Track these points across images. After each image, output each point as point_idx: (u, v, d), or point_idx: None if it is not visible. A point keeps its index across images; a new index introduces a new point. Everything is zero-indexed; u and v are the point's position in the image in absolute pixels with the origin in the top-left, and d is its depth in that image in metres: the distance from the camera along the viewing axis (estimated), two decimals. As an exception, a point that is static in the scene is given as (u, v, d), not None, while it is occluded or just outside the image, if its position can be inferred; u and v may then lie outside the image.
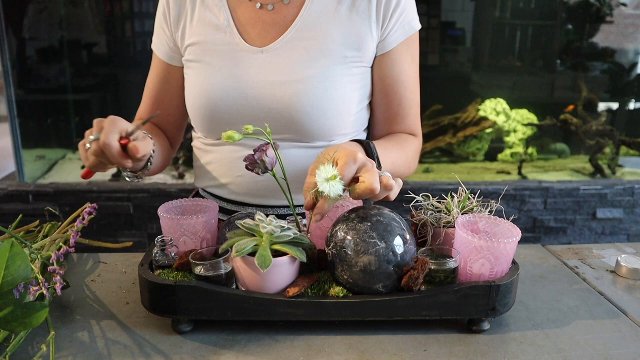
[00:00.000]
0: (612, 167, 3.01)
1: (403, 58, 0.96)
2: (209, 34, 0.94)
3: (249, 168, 0.72)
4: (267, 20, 0.93)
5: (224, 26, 0.94)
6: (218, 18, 0.94)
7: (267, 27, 0.93)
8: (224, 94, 0.92)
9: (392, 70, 0.96)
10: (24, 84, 2.88)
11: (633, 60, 3.43)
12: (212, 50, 0.93)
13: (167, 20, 0.98)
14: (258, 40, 0.93)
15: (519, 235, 0.71)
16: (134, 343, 0.68)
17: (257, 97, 0.91)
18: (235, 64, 0.92)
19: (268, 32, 0.93)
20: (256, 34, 0.93)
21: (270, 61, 0.91)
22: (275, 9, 0.93)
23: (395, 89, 0.97)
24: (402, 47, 0.95)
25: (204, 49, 0.94)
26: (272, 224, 0.68)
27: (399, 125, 1.00)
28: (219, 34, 0.94)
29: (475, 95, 3.29)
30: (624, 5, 3.26)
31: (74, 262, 0.92)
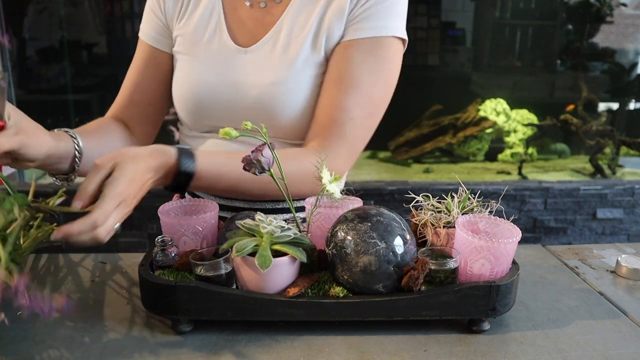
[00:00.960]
0: (612, 167, 3.01)
1: (355, 57, 0.87)
2: (199, 29, 0.95)
3: (245, 168, 0.72)
4: (258, 18, 0.94)
5: (214, 21, 0.94)
6: (211, 14, 0.94)
7: (257, 25, 0.93)
8: (207, 89, 0.93)
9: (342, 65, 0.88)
10: (24, 84, 2.88)
11: (633, 60, 3.43)
12: (201, 45, 0.94)
13: (161, 5, 0.97)
14: (245, 40, 0.93)
15: (519, 235, 0.71)
16: (134, 343, 0.68)
17: (238, 96, 0.91)
18: (220, 62, 0.93)
19: (256, 32, 0.93)
20: (244, 33, 0.94)
21: (252, 62, 0.92)
22: (267, 7, 0.93)
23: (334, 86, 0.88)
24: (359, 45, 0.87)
25: (193, 43, 0.95)
26: (272, 224, 0.68)
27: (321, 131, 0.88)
28: (209, 30, 0.94)
29: (475, 95, 3.29)
30: (624, 5, 3.26)
31: (74, 262, 0.92)
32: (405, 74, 0.94)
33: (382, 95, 0.91)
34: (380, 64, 0.89)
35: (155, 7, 0.98)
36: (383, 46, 0.88)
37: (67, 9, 2.89)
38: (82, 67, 3.03)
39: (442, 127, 3.17)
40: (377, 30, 0.87)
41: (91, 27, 2.94)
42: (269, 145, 0.71)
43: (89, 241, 0.65)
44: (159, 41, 0.98)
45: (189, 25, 0.95)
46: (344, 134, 0.88)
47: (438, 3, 3.25)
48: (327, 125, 0.88)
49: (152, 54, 0.99)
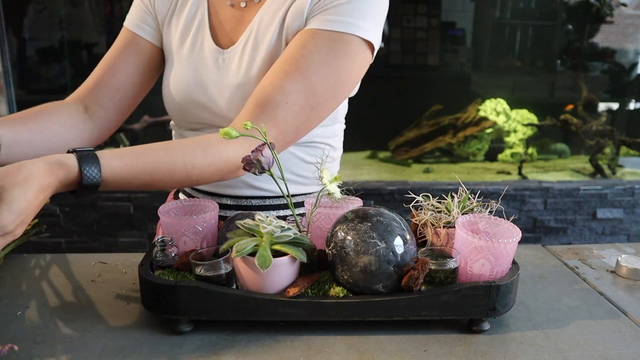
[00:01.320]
0: (612, 167, 3.01)
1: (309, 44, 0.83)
2: (186, 29, 0.95)
3: (245, 168, 0.72)
4: (238, 18, 0.93)
5: (198, 24, 0.95)
6: (195, 15, 0.95)
7: (236, 26, 0.93)
8: (187, 90, 0.93)
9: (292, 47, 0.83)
10: (24, 84, 2.88)
11: (633, 60, 3.43)
12: (186, 45, 0.95)
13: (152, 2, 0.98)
14: (225, 41, 0.93)
15: (519, 235, 0.71)
16: (134, 343, 0.68)
17: (213, 98, 0.92)
18: (200, 63, 0.93)
19: (234, 32, 0.93)
20: (225, 33, 0.94)
21: (228, 63, 0.92)
22: (247, 7, 0.93)
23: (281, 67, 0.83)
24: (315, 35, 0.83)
25: (180, 43, 0.95)
26: (272, 224, 0.68)
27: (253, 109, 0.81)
28: (193, 31, 0.95)
29: (475, 95, 3.29)
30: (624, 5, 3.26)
31: (73, 262, 0.92)
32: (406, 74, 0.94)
33: (329, 91, 0.84)
34: (334, 59, 0.83)
35: (145, 1, 0.99)
36: (342, 42, 0.83)
37: (67, 9, 2.89)
38: (82, 67, 3.03)
39: (442, 127, 3.17)
40: (338, 24, 0.83)
41: (91, 27, 2.94)
42: (269, 145, 0.71)
43: None
44: (142, 29, 0.98)
45: (177, 25, 0.96)
46: (275, 117, 0.81)
47: (438, 3, 3.25)
48: (260, 103, 0.81)
49: (134, 40, 0.98)
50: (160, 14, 0.98)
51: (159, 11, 0.98)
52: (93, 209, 2.52)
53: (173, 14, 0.97)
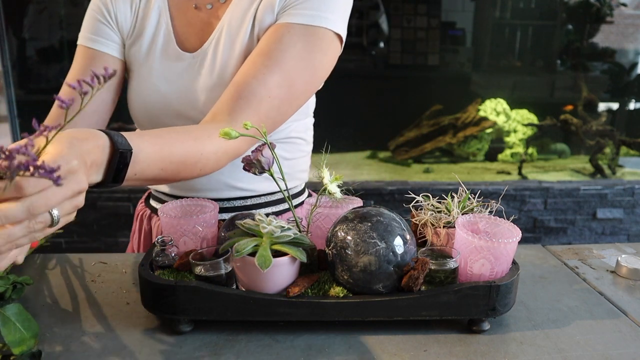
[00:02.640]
0: (612, 167, 3.01)
1: (284, 38, 0.83)
2: (150, 37, 0.93)
3: (245, 168, 0.72)
4: (204, 20, 0.92)
5: (162, 28, 0.93)
6: (159, 21, 0.93)
7: (203, 28, 0.92)
8: (161, 99, 0.91)
9: (271, 44, 0.84)
10: (24, 84, 2.88)
11: (633, 60, 3.43)
12: (152, 53, 0.93)
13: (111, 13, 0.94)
14: (193, 44, 0.92)
15: (519, 235, 0.71)
16: (134, 343, 0.68)
17: (189, 103, 0.90)
18: (170, 70, 0.92)
19: (202, 35, 0.92)
20: (192, 37, 0.93)
21: (199, 66, 0.91)
22: (214, 8, 0.92)
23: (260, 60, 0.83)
24: (289, 28, 0.84)
25: (145, 52, 0.94)
26: (272, 224, 0.68)
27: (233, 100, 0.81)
28: (157, 36, 0.93)
29: (475, 95, 3.29)
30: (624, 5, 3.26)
31: (73, 262, 0.92)
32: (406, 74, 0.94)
33: (306, 85, 0.86)
34: (310, 53, 0.84)
35: (100, 14, 0.95)
36: (316, 35, 0.84)
37: (67, 9, 2.90)
38: (82, 67, 3.02)
39: (442, 127, 3.17)
40: (310, 18, 0.84)
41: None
42: (269, 145, 0.71)
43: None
44: (107, 45, 0.95)
45: (143, 37, 0.94)
46: (259, 110, 0.81)
47: (438, 3, 3.25)
48: (243, 95, 0.81)
49: (101, 58, 0.94)
50: (123, 30, 0.95)
51: (122, 27, 0.95)
52: (93, 209, 2.52)
53: (136, 28, 0.95)
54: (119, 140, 0.61)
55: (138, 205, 1.13)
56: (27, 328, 0.64)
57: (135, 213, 1.12)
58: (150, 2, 0.95)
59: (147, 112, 0.94)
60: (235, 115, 0.79)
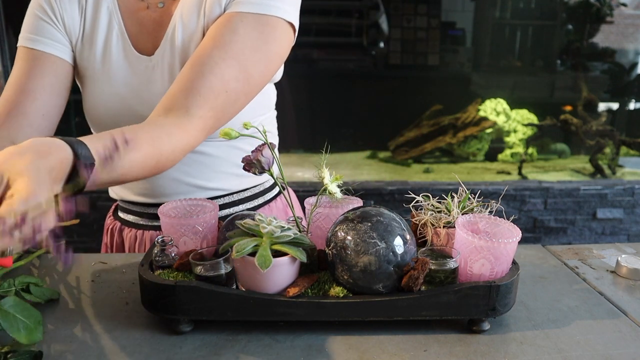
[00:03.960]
0: (612, 167, 3.01)
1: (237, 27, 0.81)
2: (99, 39, 0.89)
3: (245, 168, 0.72)
4: (156, 20, 0.89)
5: (114, 30, 0.89)
6: (110, 23, 0.89)
7: (156, 28, 0.89)
8: (120, 104, 0.88)
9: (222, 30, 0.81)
10: (24, 84, 2.88)
11: (633, 60, 3.43)
12: (106, 58, 0.89)
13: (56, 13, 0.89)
14: (148, 46, 0.89)
15: (519, 235, 0.71)
16: (134, 343, 0.68)
17: (153, 104, 0.84)
18: (127, 74, 0.88)
19: (156, 35, 0.89)
20: (146, 38, 0.89)
21: (156, 69, 0.88)
22: (166, 7, 0.89)
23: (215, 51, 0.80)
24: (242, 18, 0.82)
25: (98, 57, 0.89)
26: (272, 224, 0.68)
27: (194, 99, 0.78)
28: (109, 39, 0.89)
29: (475, 95, 3.29)
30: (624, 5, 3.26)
31: (74, 261, 0.92)
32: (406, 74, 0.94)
33: (261, 77, 0.84)
34: (266, 44, 0.82)
35: (44, 13, 0.90)
36: (270, 25, 0.82)
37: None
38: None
39: (442, 127, 3.17)
40: (261, 7, 0.81)
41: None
42: (268, 146, 0.71)
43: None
44: (55, 47, 0.89)
45: (94, 42, 0.90)
46: (215, 105, 0.79)
47: (438, 3, 3.25)
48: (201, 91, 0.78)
49: (47, 60, 0.89)
50: (72, 33, 0.91)
51: (70, 29, 0.90)
52: (93, 209, 2.52)
53: (85, 32, 0.91)
54: (82, 153, 0.60)
55: (107, 219, 1.10)
56: (28, 317, 0.63)
57: (105, 227, 1.09)
58: (99, 2, 0.90)
59: (108, 117, 0.90)
60: (193, 110, 0.76)
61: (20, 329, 0.61)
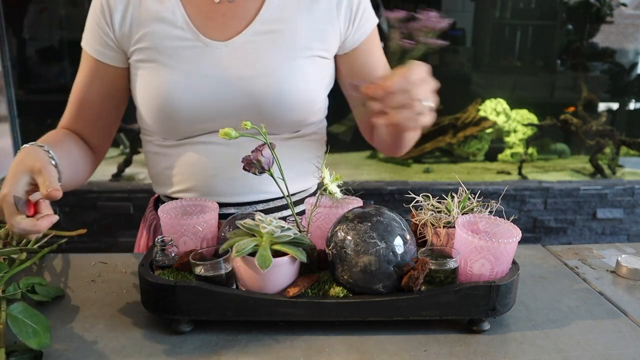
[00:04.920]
0: (612, 167, 3.01)
1: (373, 47, 1.01)
2: (161, 31, 0.89)
3: (245, 168, 0.72)
4: (226, 13, 0.91)
5: (178, 21, 0.89)
6: (171, 13, 0.90)
7: (227, 20, 0.91)
8: (186, 93, 0.88)
9: (367, 60, 0.99)
10: (24, 84, 2.88)
11: (633, 60, 3.43)
12: (168, 48, 0.89)
13: (105, 15, 0.91)
14: (218, 34, 0.90)
15: (519, 235, 0.71)
16: (134, 343, 0.68)
17: (224, 92, 0.88)
18: (196, 61, 0.89)
19: (229, 25, 0.90)
20: (215, 27, 0.90)
21: (235, 55, 0.89)
22: (237, 2, 0.91)
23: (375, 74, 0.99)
24: (370, 39, 1.00)
25: (157, 48, 0.89)
26: (272, 224, 0.68)
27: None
28: (173, 30, 0.89)
29: (475, 95, 3.28)
30: (624, 5, 3.26)
31: (73, 262, 0.92)
32: (405, 74, 0.97)
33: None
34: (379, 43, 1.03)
35: (100, 21, 0.92)
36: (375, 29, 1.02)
37: (67, 9, 2.89)
38: (82, 67, 3.02)
39: (442, 127, 3.16)
40: (372, 21, 1.01)
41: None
42: (268, 146, 0.71)
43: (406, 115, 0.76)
44: (104, 54, 0.93)
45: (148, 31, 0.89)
46: None
47: (438, 3, 3.25)
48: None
49: (96, 67, 0.94)
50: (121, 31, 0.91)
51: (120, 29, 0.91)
52: (93, 209, 2.52)
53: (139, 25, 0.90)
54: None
55: (147, 212, 1.10)
56: (37, 322, 0.64)
57: (145, 220, 1.09)
58: None
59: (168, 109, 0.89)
60: None
61: (30, 334, 0.62)
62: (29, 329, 0.63)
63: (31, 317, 0.65)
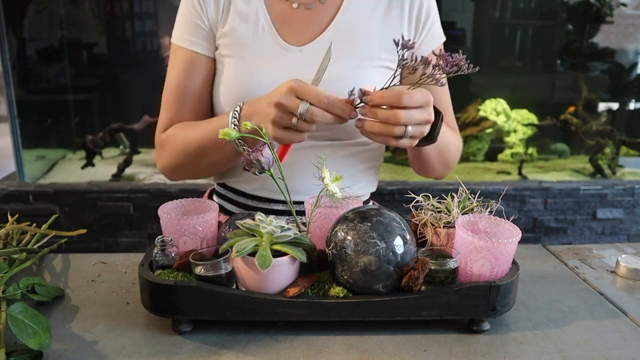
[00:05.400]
0: (612, 167, 3.01)
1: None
2: (245, 30, 0.94)
3: (245, 168, 0.72)
4: (304, 19, 0.94)
5: (260, 22, 0.94)
6: (255, 14, 0.94)
7: (304, 26, 0.94)
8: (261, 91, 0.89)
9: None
10: (24, 84, 2.88)
11: (633, 60, 3.43)
12: (249, 46, 0.94)
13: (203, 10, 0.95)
14: (295, 39, 0.94)
15: (519, 235, 0.71)
16: (134, 343, 0.68)
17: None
18: (273, 62, 0.93)
19: (305, 31, 0.94)
20: (293, 32, 0.94)
21: (308, 60, 0.91)
22: (314, 9, 0.95)
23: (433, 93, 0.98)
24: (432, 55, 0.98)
25: (240, 45, 0.94)
26: (272, 224, 0.68)
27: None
28: (256, 30, 0.94)
29: (475, 95, 3.28)
30: (624, 5, 3.26)
31: (73, 262, 0.92)
32: (405, 74, 0.99)
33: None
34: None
35: (195, 13, 0.96)
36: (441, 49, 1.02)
37: (67, 9, 2.89)
38: (82, 67, 3.02)
39: (442, 127, 3.16)
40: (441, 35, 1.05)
41: (91, 27, 2.93)
42: (269, 146, 0.71)
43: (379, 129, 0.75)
44: (201, 46, 0.97)
45: (232, 27, 0.94)
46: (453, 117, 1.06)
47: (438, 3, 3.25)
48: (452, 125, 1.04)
49: (205, 63, 0.97)
50: (212, 21, 0.96)
51: (211, 18, 0.96)
52: (93, 209, 2.52)
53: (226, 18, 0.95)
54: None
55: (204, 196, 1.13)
56: (37, 322, 0.65)
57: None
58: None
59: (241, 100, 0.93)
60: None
61: (29, 335, 0.63)
62: (28, 329, 0.63)
63: (31, 317, 0.65)
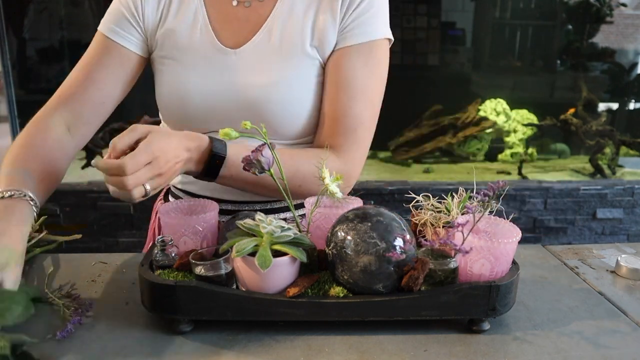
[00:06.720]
0: (612, 167, 3.01)
1: (355, 63, 0.90)
2: (183, 32, 0.92)
3: (245, 168, 0.72)
4: (241, 17, 0.93)
5: (199, 23, 0.92)
6: (194, 15, 0.93)
7: (242, 25, 0.92)
8: (196, 93, 0.91)
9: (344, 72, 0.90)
10: (24, 84, 2.88)
11: (633, 60, 3.43)
12: (186, 48, 0.92)
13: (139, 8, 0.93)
14: (231, 40, 0.92)
15: (519, 235, 0.71)
16: (134, 343, 0.68)
17: (230, 98, 0.90)
18: (209, 64, 0.91)
19: (241, 32, 0.92)
20: (230, 33, 0.92)
21: (242, 62, 0.91)
22: (252, 6, 0.93)
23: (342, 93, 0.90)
24: (356, 51, 0.90)
25: (177, 46, 0.93)
26: (272, 224, 0.68)
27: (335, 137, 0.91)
28: (194, 31, 0.92)
29: (475, 95, 3.28)
30: (624, 5, 3.26)
31: (73, 262, 0.92)
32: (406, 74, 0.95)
33: (380, 97, 0.95)
34: (376, 67, 0.92)
35: (129, 8, 0.94)
36: (376, 48, 0.92)
37: (67, 9, 2.89)
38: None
39: (442, 127, 3.16)
40: (370, 34, 0.91)
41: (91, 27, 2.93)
42: (269, 146, 0.71)
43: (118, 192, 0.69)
44: (127, 39, 0.94)
45: (171, 28, 0.93)
46: (358, 140, 0.92)
47: (438, 3, 3.25)
48: (340, 132, 0.91)
49: (117, 51, 0.94)
50: (150, 23, 0.94)
51: (149, 21, 0.94)
52: (93, 209, 2.52)
53: (165, 19, 0.94)
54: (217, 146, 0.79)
55: (156, 202, 1.12)
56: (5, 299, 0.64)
57: (154, 209, 1.11)
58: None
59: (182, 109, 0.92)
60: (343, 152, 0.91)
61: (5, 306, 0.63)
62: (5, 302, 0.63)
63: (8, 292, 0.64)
